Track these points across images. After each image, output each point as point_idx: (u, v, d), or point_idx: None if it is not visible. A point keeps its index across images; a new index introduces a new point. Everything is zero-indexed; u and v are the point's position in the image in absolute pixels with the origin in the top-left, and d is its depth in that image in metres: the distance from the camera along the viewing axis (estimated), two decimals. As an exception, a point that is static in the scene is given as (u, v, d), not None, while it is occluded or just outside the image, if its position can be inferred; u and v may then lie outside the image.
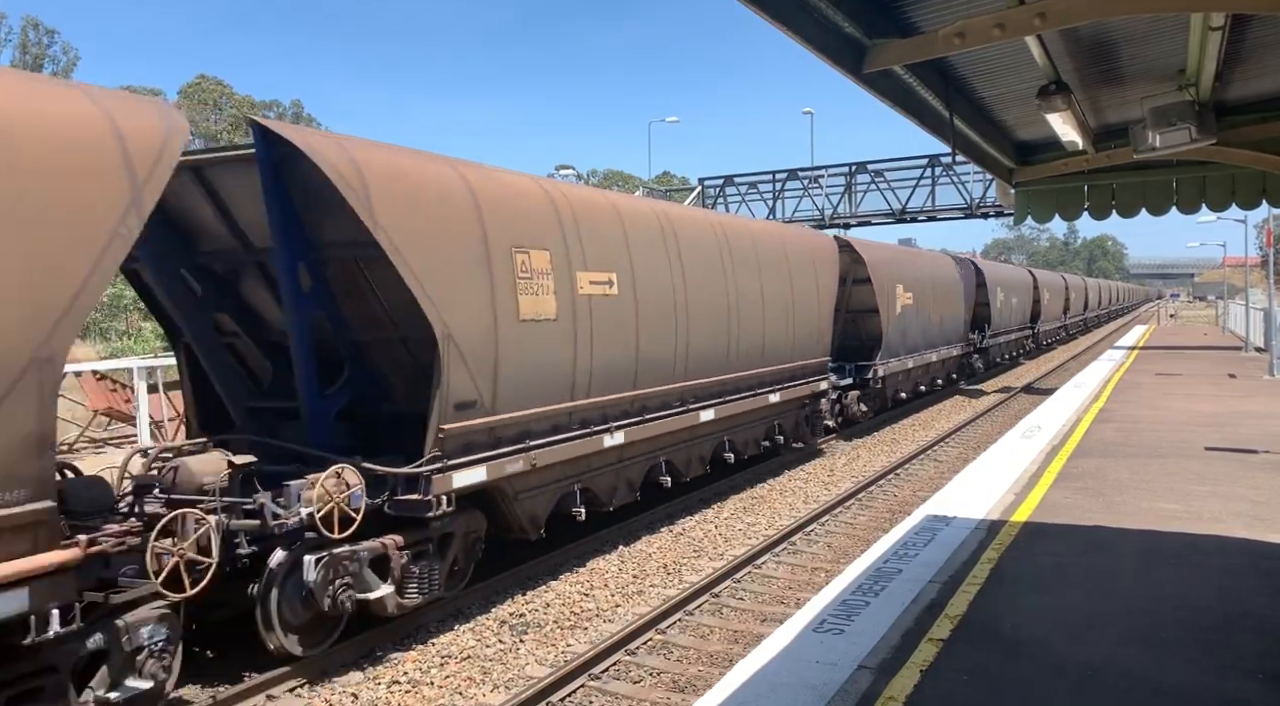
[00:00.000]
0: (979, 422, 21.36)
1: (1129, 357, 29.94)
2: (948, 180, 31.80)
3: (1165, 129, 6.79)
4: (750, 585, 9.72)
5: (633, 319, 10.69)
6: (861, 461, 16.71)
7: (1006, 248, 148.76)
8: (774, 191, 35.60)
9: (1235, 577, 7.11)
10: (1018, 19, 4.88)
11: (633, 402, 10.88)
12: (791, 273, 15.17)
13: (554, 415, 9.54)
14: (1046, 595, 6.84)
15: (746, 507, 13.11)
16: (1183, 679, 5.33)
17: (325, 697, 7.07)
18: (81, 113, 5.58)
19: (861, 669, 5.60)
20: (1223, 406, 17.22)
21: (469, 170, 8.94)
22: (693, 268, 12.10)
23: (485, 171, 9.27)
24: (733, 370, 13.19)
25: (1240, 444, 12.95)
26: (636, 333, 10.76)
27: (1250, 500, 9.59)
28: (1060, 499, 9.93)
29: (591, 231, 10.15)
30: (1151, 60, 6.72)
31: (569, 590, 9.46)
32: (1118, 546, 8.07)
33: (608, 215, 10.66)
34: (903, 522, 9.43)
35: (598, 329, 10.04)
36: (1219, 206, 8.99)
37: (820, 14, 4.95)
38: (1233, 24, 5.59)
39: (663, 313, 11.36)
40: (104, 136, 5.62)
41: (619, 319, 10.46)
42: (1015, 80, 7.05)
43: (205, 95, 59.25)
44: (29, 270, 5.19)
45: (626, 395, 10.70)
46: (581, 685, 7.18)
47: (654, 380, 11.26)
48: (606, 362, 10.25)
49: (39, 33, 54.25)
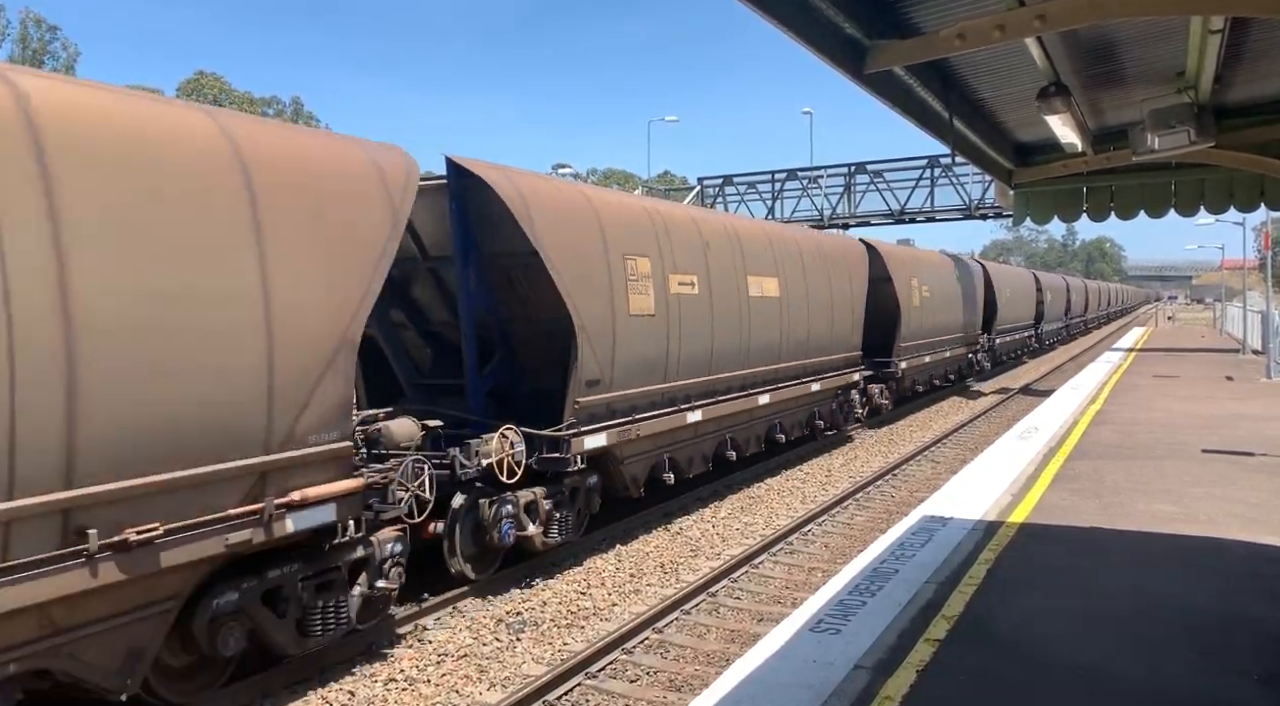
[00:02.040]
0: (976, 423, 21.38)
1: (1127, 359, 29.98)
2: (947, 181, 31.81)
3: (1164, 131, 6.81)
4: (747, 585, 9.73)
5: (709, 314, 12.55)
6: (859, 461, 16.73)
7: (1005, 249, 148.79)
8: (773, 191, 35.59)
9: (1231, 580, 7.13)
10: (1018, 21, 4.89)
11: (709, 386, 12.72)
12: (830, 274, 16.94)
13: (652, 394, 11.38)
14: (1043, 596, 6.85)
15: (744, 507, 13.12)
16: (1178, 680, 5.35)
17: (322, 695, 7.07)
18: (361, 158, 7.37)
19: (858, 669, 5.60)
20: (1220, 409, 17.25)
21: (590, 191, 11.23)
22: (752, 270, 13.95)
23: (600, 192, 11.82)
24: (783, 360, 15.00)
25: (1237, 446, 12.97)
26: (712, 326, 12.63)
27: (1246, 502, 9.60)
28: (1057, 500, 9.94)
29: (679, 239, 12.05)
30: (1151, 63, 6.73)
31: (566, 589, 9.47)
32: (1114, 548, 8.08)
33: (690, 226, 12.64)
34: (900, 523, 9.44)
35: (684, 323, 11.92)
36: (1217, 209, 9.01)
37: (821, 15, 4.96)
38: (1232, 27, 5.60)
39: (731, 309, 13.18)
40: (375, 177, 7.38)
41: (699, 315, 12.30)
42: (1015, 82, 7.07)
43: (204, 91, 59.12)
44: (336, 277, 6.87)
45: (704, 379, 12.56)
46: (578, 683, 7.19)
47: (724, 367, 13.10)
48: (689, 351, 12.10)
49: (40, 28, 54.22)
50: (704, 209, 18.61)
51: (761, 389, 14.19)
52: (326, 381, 6.76)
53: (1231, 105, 7.80)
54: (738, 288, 13.39)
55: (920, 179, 32.28)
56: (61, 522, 5.22)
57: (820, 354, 16.41)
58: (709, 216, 14.35)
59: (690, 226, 12.58)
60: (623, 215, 11.08)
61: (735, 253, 13.50)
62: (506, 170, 9.72)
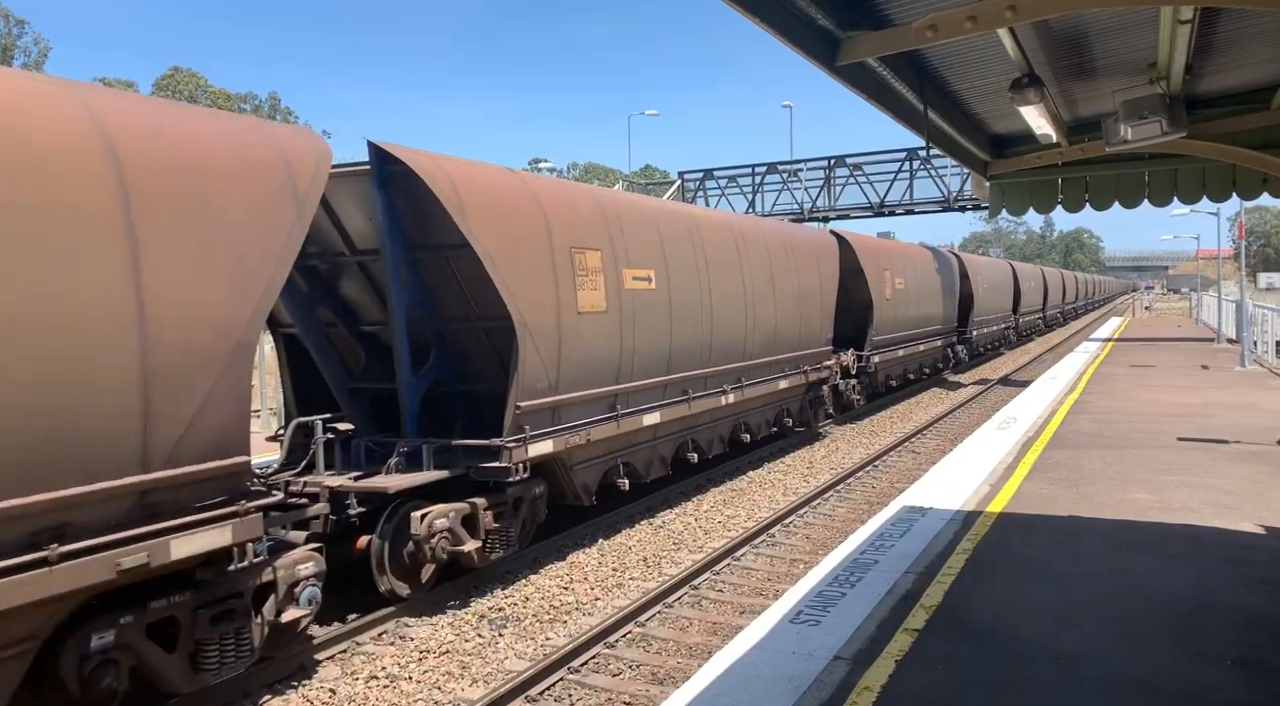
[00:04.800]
0: (956, 415, 21.51)
1: (1104, 350, 30.25)
2: (925, 174, 32.00)
3: (1137, 122, 6.86)
4: (729, 577, 9.75)
5: (667, 311, 11.91)
6: (840, 453, 16.80)
7: (984, 241, 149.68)
8: (753, 185, 35.67)
9: (1207, 566, 7.21)
10: (989, 12, 4.91)
11: (667, 387, 12.13)
12: (798, 268, 16.36)
13: (605, 396, 10.79)
14: (1021, 585, 6.90)
15: (726, 500, 13.15)
16: (1156, 666, 5.40)
17: (303, 694, 7.03)
18: (262, 143, 6.77)
19: (837, 659, 5.63)
20: (1195, 397, 17.44)
21: (531, 180, 10.43)
22: (715, 264, 13.31)
23: (545, 182, 10.79)
24: (749, 358, 14.40)
25: (1212, 435, 13.12)
26: (671, 323, 12.02)
27: (1221, 490, 9.72)
28: (1035, 490, 10.02)
29: (633, 233, 11.39)
30: (1123, 53, 6.77)
31: (548, 584, 9.45)
32: (1092, 536, 8.16)
33: (645, 217, 11.93)
34: (880, 514, 9.49)
35: (639, 320, 11.27)
36: (1190, 199, 9.10)
37: (794, 7, 4.96)
38: (1202, 18, 5.65)
39: (691, 305, 12.56)
40: (278, 162, 6.77)
41: (656, 311, 11.68)
42: (989, 73, 7.10)
43: (179, 87, 58.56)
44: (226, 274, 6.22)
45: (662, 379, 11.95)
46: (560, 678, 7.18)
47: (685, 366, 12.51)
48: (646, 350, 11.49)
49: (9, 23, 53.50)
50: (662, 200, 18.09)
51: (726, 388, 13.65)
52: (219, 390, 6.11)
53: (1202, 96, 7.88)
54: (699, 282, 12.75)
55: (899, 172, 32.44)
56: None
57: (789, 349, 15.89)
58: (666, 206, 13.65)
59: (646, 218, 11.93)
60: (570, 206, 10.40)
61: (696, 245, 12.90)
62: (436, 157, 9.02)
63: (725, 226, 14.38)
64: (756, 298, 14.56)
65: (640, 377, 11.38)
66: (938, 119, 7.72)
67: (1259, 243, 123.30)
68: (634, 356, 11.19)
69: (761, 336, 14.77)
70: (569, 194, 10.79)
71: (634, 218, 11.62)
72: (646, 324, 11.42)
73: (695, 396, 12.70)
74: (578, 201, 10.70)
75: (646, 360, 11.50)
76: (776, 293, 15.34)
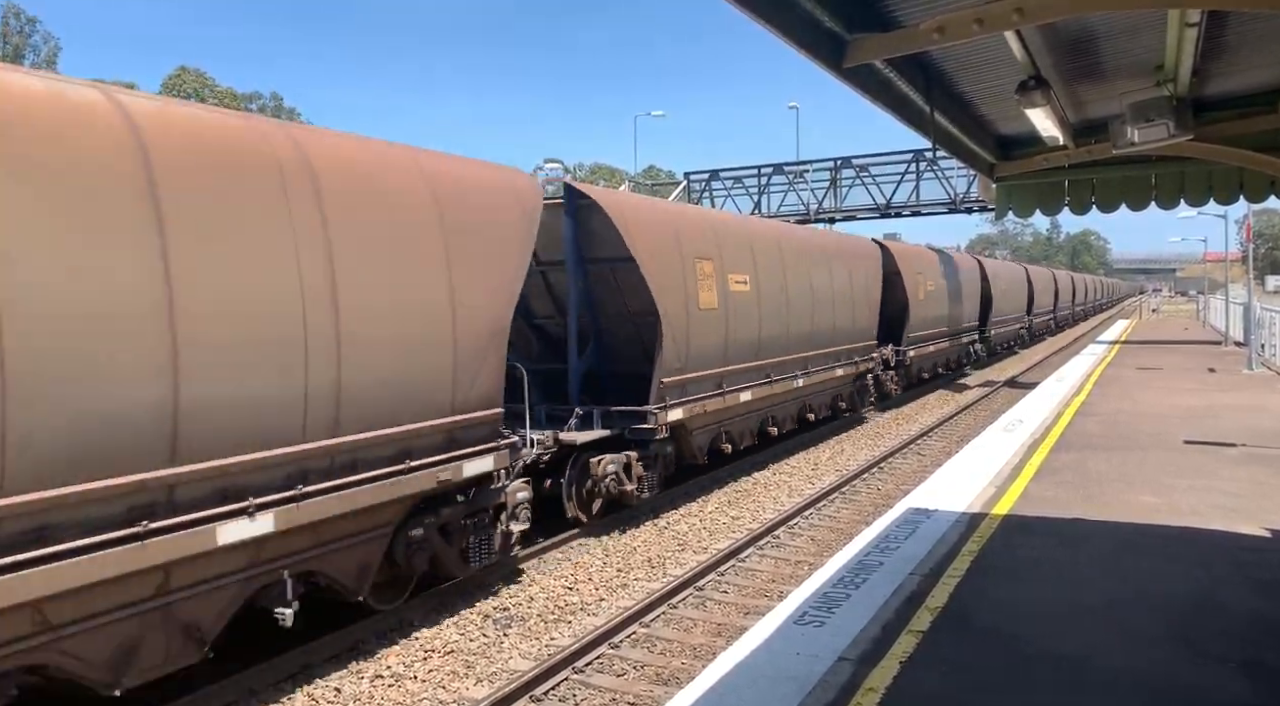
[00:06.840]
0: (962, 416, 21.48)
1: (1111, 352, 30.16)
2: (932, 175, 31.91)
3: (1143, 124, 6.85)
4: (733, 578, 9.76)
5: (757, 308, 14.58)
6: (845, 455, 16.80)
7: (990, 243, 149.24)
8: (759, 186, 35.61)
9: (1211, 569, 7.19)
10: (996, 14, 4.91)
11: (757, 371, 14.69)
12: (851, 273, 18.93)
13: (714, 376, 13.34)
14: (1026, 587, 6.90)
15: (731, 501, 13.15)
16: (1160, 668, 5.40)
17: (309, 692, 7.06)
18: (507, 181, 9.27)
19: (842, 660, 5.63)
20: (1202, 400, 17.37)
21: (661, 205, 14.11)
22: (791, 269, 15.92)
23: (674, 206, 14.78)
24: (815, 348, 16.99)
25: (1218, 437, 13.07)
26: (760, 319, 14.65)
27: (1227, 493, 9.69)
28: (1041, 492, 10.00)
29: (732, 244, 14.08)
30: (1130, 56, 6.76)
31: (553, 584, 9.47)
32: (1097, 539, 8.14)
33: (741, 230, 14.97)
34: (885, 515, 9.48)
35: (738, 315, 13.89)
36: (1197, 201, 9.07)
37: (800, 8, 4.96)
38: (1209, 21, 5.64)
39: (775, 304, 15.20)
40: (516, 197, 9.19)
41: (750, 309, 14.33)
42: (995, 75, 7.09)
43: (186, 87, 58.73)
44: (491, 282, 8.67)
45: (753, 364, 14.52)
46: (565, 678, 7.20)
47: (769, 354, 15.06)
48: (742, 340, 14.09)
49: (20, 21, 53.73)
50: (751, 217, 22.46)
51: (797, 373, 16.14)
52: (488, 360, 8.61)
53: (1209, 98, 7.85)
54: (780, 285, 15.34)
55: (905, 173, 32.35)
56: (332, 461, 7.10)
57: (844, 342, 18.35)
58: (756, 223, 17.39)
59: (742, 231, 14.85)
60: (689, 222, 13.23)
61: (777, 254, 15.49)
62: (609, 191, 12.61)
63: (797, 237, 17.30)
64: (819, 298, 17.10)
65: (737, 362, 13.90)
66: (944, 121, 7.72)
67: (1267, 245, 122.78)
68: (734, 345, 13.78)
69: (824, 331, 17.30)
70: (688, 213, 14.24)
71: (733, 231, 14.53)
72: (742, 319, 14.01)
73: (776, 379, 15.24)
74: (693, 218, 13.72)
75: (742, 348, 14.04)
76: (835, 293, 17.88)
